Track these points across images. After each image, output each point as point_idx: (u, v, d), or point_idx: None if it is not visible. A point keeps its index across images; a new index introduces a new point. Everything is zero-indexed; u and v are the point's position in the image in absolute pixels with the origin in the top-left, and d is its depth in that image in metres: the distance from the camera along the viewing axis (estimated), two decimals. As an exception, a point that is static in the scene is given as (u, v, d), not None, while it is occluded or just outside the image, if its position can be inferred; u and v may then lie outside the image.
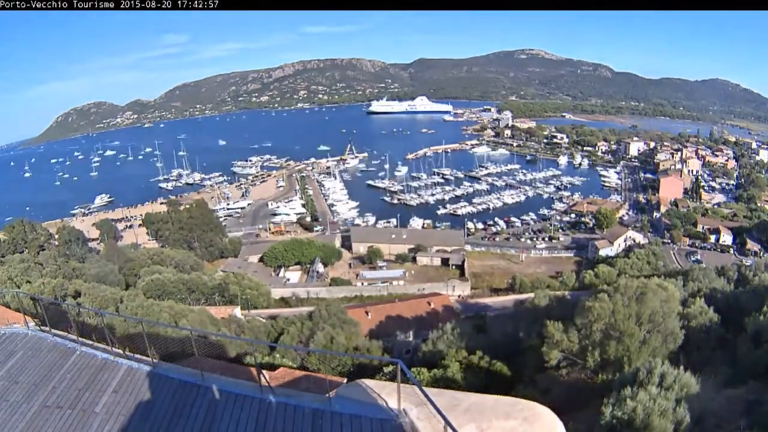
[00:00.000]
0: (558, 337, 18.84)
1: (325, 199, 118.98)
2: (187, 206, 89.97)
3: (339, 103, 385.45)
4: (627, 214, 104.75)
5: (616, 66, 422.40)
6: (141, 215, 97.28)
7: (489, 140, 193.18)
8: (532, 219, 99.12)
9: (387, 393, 6.61)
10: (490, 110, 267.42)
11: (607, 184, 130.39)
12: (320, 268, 71.03)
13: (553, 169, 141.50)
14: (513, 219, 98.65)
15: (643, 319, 17.10)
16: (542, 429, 5.67)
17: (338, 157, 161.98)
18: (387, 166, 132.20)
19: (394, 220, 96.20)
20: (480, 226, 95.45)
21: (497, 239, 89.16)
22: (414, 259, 75.53)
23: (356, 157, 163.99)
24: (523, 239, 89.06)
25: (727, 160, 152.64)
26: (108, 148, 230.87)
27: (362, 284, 65.52)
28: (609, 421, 10.58)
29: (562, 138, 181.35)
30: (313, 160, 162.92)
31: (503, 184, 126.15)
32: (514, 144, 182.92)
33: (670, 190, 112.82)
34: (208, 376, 7.82)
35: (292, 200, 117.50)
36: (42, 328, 10.07)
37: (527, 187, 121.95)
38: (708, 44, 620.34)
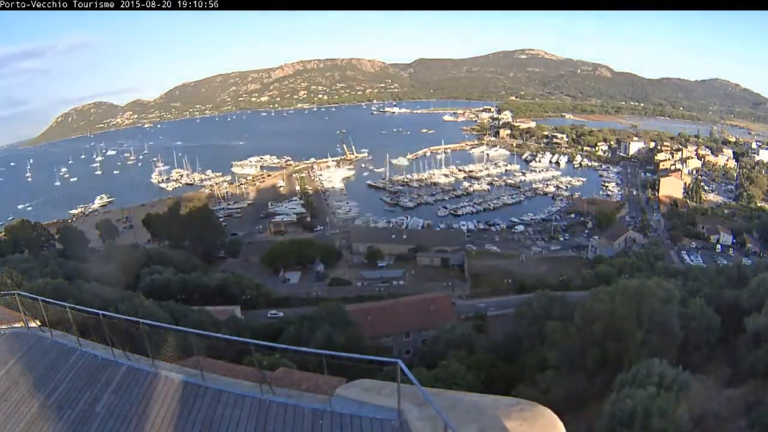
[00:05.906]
0: (558, 337, 18.85)
1: (325, 200, 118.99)
2: (187, 206, 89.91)
3: (339, 104, 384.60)
4: (627, 214, 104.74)
5: (615, 66, 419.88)
6: (141, 215, 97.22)
7: (489, 140, 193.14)
8: (532, 219, 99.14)
9: (387, 393, 6.58)
10: (490, 110, 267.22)
11: (606, 183, 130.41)
12: (320, 268, 71.03)
13: (552, 169, 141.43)
14: (513, 219, 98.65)
15: (643, 319, 17.09)
16: (542, 429, 5.66)
17: (339, 158, 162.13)
18: (387, 168, 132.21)
19: (394, 220, 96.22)
20: (480, 226, 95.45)
21: (497, 239, 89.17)
22: (414, 259, 75.58)
23: (356, 157, 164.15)
24: (523, 239, 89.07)
25: (727, 160, 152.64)
26: (109, 147, 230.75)
27: (362, 284, 65.43)
28: (609, 420, 10.59)
29: (561, 138, 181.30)
30: (313, 160, 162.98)
31: (503, 184, 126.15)
32: (514, 144, 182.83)
33: (670, 190, 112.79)
34: (208, 376, 7.80)
35: (292, 200, 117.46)
36: (42, 328, 10.05)
37: (527, 187, 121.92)
38: (708, 44, 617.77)
